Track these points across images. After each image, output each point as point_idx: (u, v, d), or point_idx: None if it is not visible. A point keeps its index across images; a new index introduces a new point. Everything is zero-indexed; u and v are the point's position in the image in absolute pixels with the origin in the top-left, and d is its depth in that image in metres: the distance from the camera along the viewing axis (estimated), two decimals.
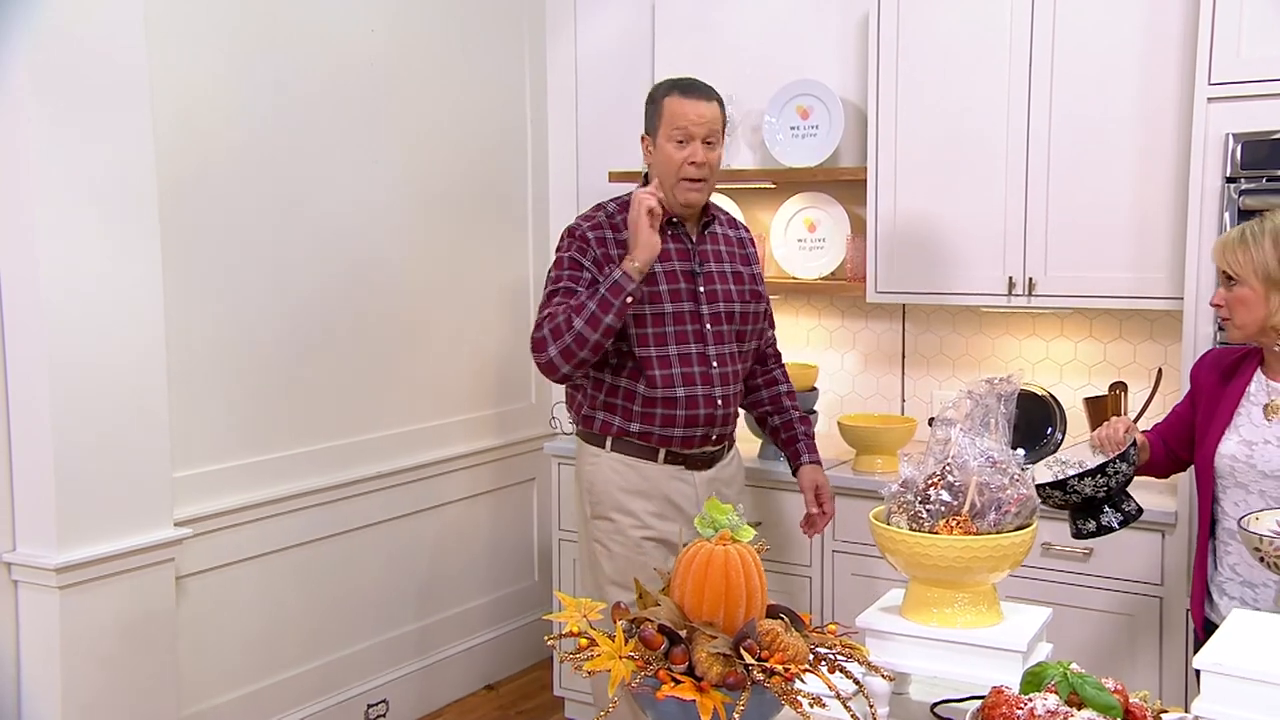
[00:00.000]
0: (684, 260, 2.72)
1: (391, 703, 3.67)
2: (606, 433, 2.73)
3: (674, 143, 2.63)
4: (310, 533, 3.37)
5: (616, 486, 2.70)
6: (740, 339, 2.81)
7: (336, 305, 3.44)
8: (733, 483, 2.88)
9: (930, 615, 1.75)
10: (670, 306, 2.68)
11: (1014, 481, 1.72)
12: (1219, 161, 2.76)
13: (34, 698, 2.61)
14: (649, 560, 2.69)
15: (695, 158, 2.62)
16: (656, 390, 2.67)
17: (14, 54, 2.46)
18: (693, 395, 2.69)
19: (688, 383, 2.69)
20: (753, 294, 2.84)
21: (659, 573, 1.67)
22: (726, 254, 2.82)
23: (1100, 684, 1.41)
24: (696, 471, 2.76)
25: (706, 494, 2.72)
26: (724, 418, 2.75)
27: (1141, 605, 2.90)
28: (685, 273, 2.71)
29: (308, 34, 3.30)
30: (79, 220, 2.56)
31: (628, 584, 2.68)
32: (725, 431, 2.79)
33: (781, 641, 1.46)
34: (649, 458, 2.71)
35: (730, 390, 2.76)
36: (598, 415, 2.74)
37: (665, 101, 2.65)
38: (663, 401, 2.67)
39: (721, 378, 2.73)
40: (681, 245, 2.73)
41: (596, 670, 1.44)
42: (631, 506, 2.70)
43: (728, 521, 1.57)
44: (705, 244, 2.78)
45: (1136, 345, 3.35)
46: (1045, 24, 3.09)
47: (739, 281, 2.81)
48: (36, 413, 2.54)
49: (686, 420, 2.69)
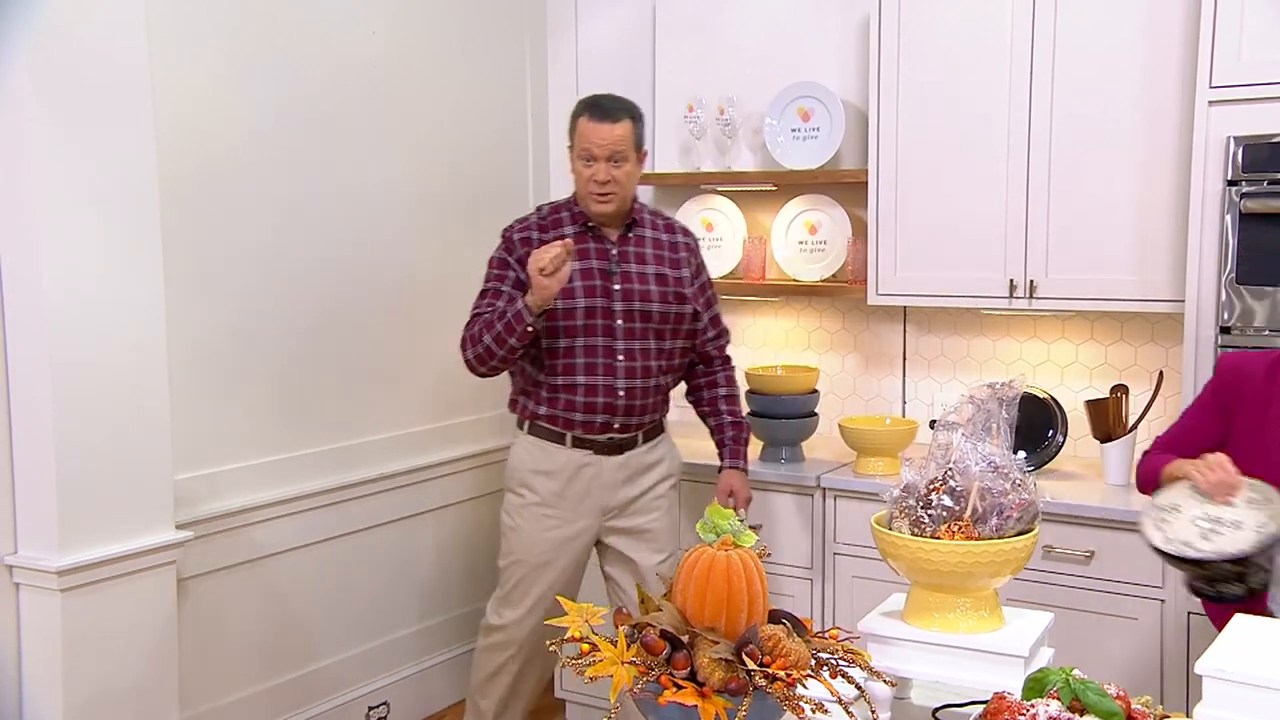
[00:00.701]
0: (601, 260, 2.95)
1: (392, 705, 3.67)
2: (524, 416, 3.02)
3: (582, 161, 2.90)
4: (312, 535, 3.37)
5: (527, 466, 2.98)
6: (660, 337, 3.00)
7: (338, 306, 3.44)
8: (650, 471, 3.05)
9: (932, 620, 1.75)
10: (583, 302, 2.91)
11: (1016, 487, 1.72)
12: (1220, 164, 2.76)
13: (35, 700, 2.60)
14: (549, 539, 2.96)
15: (598, 176, 2.88)
16: (558, 378, 2.92)
17: (14, 54, 2.45)
18: (593, 384, 2.92)
19: (589, 373, 2.91)
20: (676, 295, 3.01)
21: (661, 578, 1.67)
22: (652, 256, 3.02)
23: (1102, 690, 1.41)
24: (605, 457, 2.97)
25: (616, 479, 2.98)
26: (626, 409, 2.95)
27: (1144, 608, 2.90)
28: (601, 271, 2.94)
29: (308, 34, 3.30)
30: (80, 221, 2.55)
31: (529, 557, 2.98)
32: (631, 422, 2.98)
33: (783, 647, 1.45)
34: (558, 441, 2.96)
35: (638, 384, 2.95)
36: (518, 400, 3.04)
37: (578, 122, 2.92)
38: (564, 388, 2.92)
39: (627, 371, 2.93)
40: (600, 246, 2.97)
41: (599, 675, 1.44)
42: (536, 485, 2.97)
43: (729, 527, 1.57)
44: (628, 246, 3.00)
45: (1138, 348, 3.35)
46: (1046, 26, 3.09)
47: (661, 283, 3.00)
48: (38, 415, 2.54)
49: (585, 407, 2.92)
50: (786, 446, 3.46)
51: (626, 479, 3.00)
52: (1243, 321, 2.74)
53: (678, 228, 3.12)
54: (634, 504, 3.03)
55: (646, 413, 3.00)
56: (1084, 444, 3.33)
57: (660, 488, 3.07)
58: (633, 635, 1.50)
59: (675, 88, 3.91)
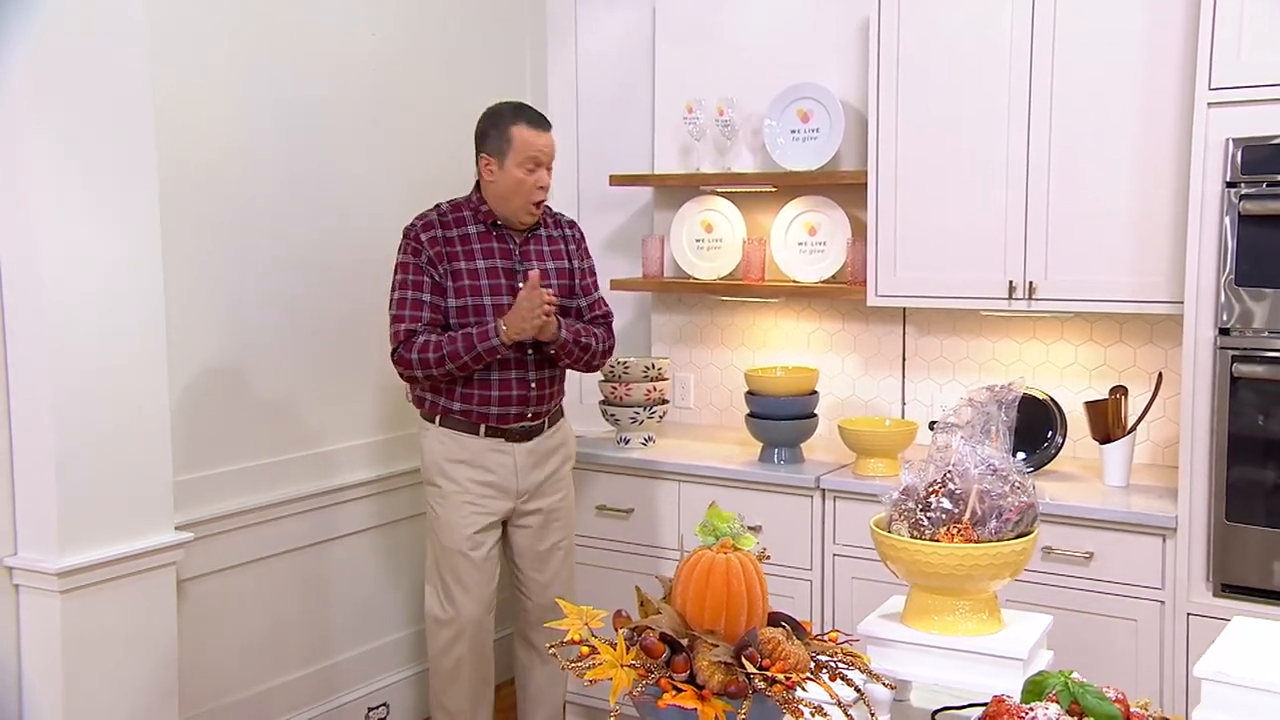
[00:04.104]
0: (505, 259, 3.06)
1: (392, 706, 3.67)
2: (435, 412, 3.07)
3: (524, 169, 2.98)
4: (312, 536, 3.37)
5: (443, 457, 3.06)
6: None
7: (338, 308, 3.44)
8: (555, 454, 3.19)
9: (931, 623, 1.75)
10: (490, 300, 3.01)
11: (1015, 489, 1.72)
12: (1219, 166, 2.76)
13: (35, 702, 2.60)
14: (473, 524, 3.06)
15: (542, 183, 3.01)
16: (472, 375, 3.00)
17: (14, 54, 2.45)
18: (506, 379, 3.04)
19: (502, 368, 3.02)
20: (570, 288, 3.17)
21: (659, 580, 1.67)
22: (550, 253, 3.16)
23: (1101, 693, 1.41)
24: (516, 444, 3.09)
25: (526, 464, 3.11)
26: (538, 398, 3.09)
27: (1143, 610, 2.90)
28: (505, 269, 3.05)
29: (308, 36, 3.30)
30: (81, 223, 2.56)
31: (458, 546, 3.06)
32: (541, 410, 3.12)
33: (783, 650, 1.46)
34: (471, 432, 3.05)
35: (546, 374, 3.11)
36: (426, 397, 3.09)
37: (514, 130, 2.98)
38: (479, 384, 3.01)
39: (537, 364, 3.08)
40: (504, 245, 3.08)
41: (598, 679, 1.45)
42: (455, 474, 3.05)
43: (729, 530, 1.57)
44: (530, 245, 3.12)
45: (1137, 349, 3.36)
46: (1046, 27, 3.09)
47: (561, 277, 3.15)
48: (38, 416, 2.54)
49: (500, 400, 3.04)
50: (786, 448, 3.46)
51: (535, 463, 3.13)
52: (1242, 323, 2.75)
53: (564, 221, 3.25)
54: (541, 487, 3.16)
55: (554, 400, 3.17)
56: (1083, 445, 3.33)
57: (563, 469, 3.23)
58: (632, 638, 1.50)
59: (674, 89, 3.92)
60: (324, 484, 3.39)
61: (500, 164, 2.99)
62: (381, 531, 3.62)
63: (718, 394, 4.04)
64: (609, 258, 4.18)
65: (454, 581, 3.08)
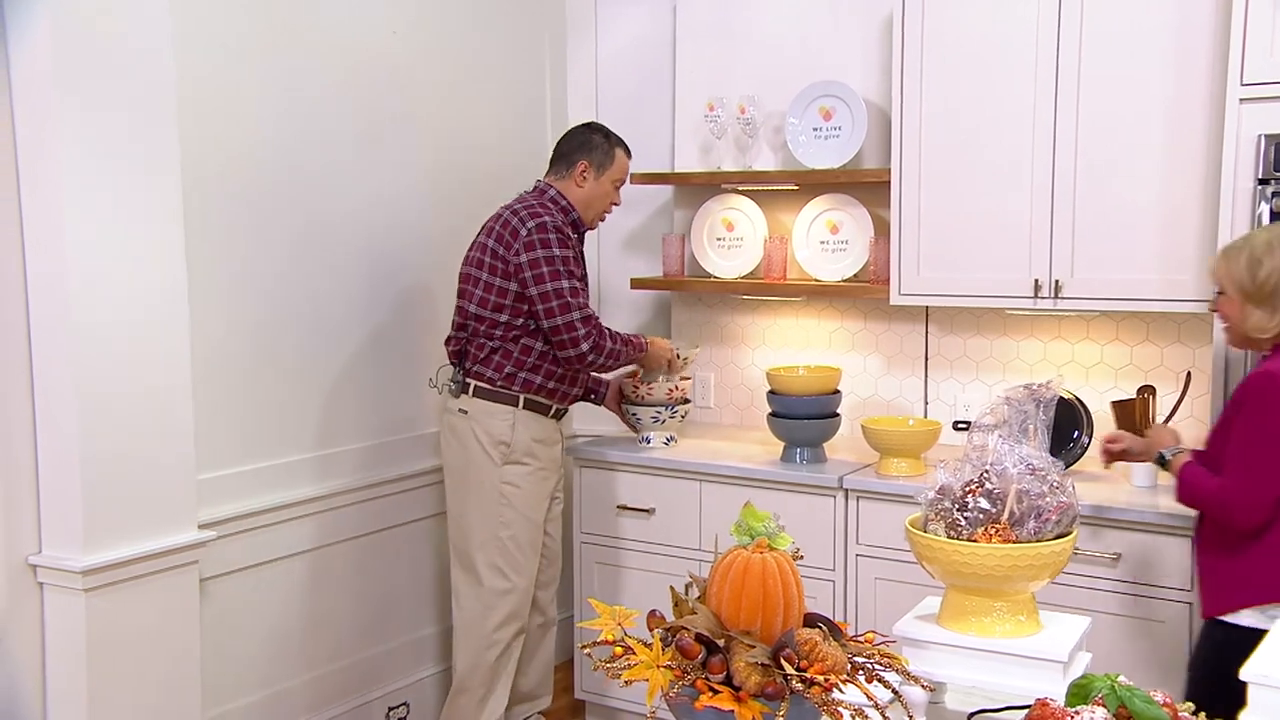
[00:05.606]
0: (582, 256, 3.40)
1: (413, 705, 3.66)
2: (525, 390, 3.25)
3: (613, 185, 3.38)
4: (334, 535, 3.36)
5: (530, 437, 3.27)
6: None
7: (360, 308, 3.44)
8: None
9: (968, 624, 1.73)
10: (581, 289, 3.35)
11: (1054, 489, 1.70)
12: (1251, 163, 2.73)
13: (59, 699, 2.60)
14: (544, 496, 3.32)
15: (618, 201, 3.44)
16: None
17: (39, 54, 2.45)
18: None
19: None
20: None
21: (693, 578, 1.66)
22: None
23: (1149, 697, 1.38)
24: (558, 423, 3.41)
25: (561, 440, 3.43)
26: (584, 380, 3.46)
27: (1171, 611, 2.87)
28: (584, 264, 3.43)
29: (328, 36, 3.29)
30: (105, 223, 2.55)
31: (535, 515, 3.28)
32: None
33: (820, 651, 1.44)
34: (544, 413, 3.30)
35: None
36: (516, 375, 3.25)
37: (617, 152, 3.37)
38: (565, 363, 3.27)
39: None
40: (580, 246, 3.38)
41: (634, 679, 1.43)
42: (539, 453, 3.30)
43: (764, 529, 1.56)
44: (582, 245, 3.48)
45: (1164, 348, 3.32)
46: (1073, 22, 3.06)
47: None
48: (63, 415, 2.54)
49: (577, 384, 3.39)
50: (808, 447, 3.44)
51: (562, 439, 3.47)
52: None
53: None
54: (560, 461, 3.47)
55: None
56: None
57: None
58: (667, 638, 1.48)
59: (695, 87, 3.90)
60: (344, 483, 3.38)
61: (597, 175, 3.33)
62: (405, 529, 3.61)
63: (739, 393, 4.02)
64: (629, 256, 4.16)
65: (519, 550, 3.26)
